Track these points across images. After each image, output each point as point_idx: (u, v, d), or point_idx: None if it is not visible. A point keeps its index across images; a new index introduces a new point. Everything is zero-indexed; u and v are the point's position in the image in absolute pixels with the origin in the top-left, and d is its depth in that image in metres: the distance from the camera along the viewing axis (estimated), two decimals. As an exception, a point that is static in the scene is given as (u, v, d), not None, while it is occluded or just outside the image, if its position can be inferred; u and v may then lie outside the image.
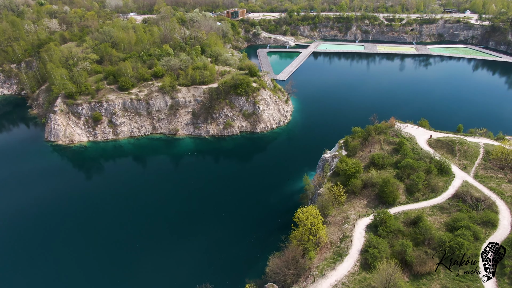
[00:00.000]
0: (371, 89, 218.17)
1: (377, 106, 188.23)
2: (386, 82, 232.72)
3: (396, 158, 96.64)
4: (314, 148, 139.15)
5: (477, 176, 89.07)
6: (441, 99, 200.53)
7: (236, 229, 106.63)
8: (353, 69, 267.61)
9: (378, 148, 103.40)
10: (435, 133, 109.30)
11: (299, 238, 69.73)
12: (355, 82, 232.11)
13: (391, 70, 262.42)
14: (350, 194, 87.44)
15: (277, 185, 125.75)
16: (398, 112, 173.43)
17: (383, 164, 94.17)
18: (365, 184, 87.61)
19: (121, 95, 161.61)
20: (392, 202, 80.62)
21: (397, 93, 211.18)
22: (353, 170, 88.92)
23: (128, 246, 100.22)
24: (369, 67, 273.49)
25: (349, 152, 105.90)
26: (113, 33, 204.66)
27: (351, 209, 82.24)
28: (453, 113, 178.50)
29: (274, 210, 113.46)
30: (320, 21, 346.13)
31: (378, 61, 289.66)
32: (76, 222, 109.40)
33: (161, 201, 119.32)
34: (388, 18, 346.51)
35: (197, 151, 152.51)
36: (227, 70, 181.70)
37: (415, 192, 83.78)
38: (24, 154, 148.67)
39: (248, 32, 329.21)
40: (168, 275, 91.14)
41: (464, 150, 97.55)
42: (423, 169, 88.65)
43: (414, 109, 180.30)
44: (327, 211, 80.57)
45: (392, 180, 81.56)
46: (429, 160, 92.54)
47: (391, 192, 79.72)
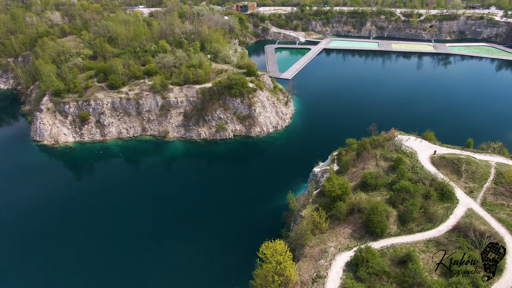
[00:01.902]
0: (381, 90, 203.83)
1: (385, 110, 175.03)
2: (398, 83, 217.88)
3: (391, 178, 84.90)
4: (311, 156, 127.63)
5: (485, 203, 76.76)
6: (455, 105, 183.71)
7: (212, 249, 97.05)
8: (364, 68, 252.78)
9: (373, 165, 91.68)
10: (440, 148, 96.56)
11: (263, 278, 59.56)
12: (364, 82, 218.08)
13: (405, 70, 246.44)
14: (334, 219, 76.49)
15: (265, 198, 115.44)
16: (404, 119, 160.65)
17: (376, 184, 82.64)
18: (352, 209, 76.44)
19: (110, 93, 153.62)
20: (380, 233, 69.36)
21: (407, 96, 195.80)
22: (339, 192, 77.76)
23: (106, 254, 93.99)
24: (382, 66, 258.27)
25: (340, 167, 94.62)
26: (110, 27, 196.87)
27: (333, 239, 71.32)
28: (466, 122, 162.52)
29: (257, 227, 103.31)
30: (333, 16, 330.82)
31: (392, 59, 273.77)
32: (52, 229, 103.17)
33: (143, 208, 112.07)
34: (405, 13, 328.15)
35: (187, 155, 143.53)
36: (225, 68, 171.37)
37: (409, 221, 72.17)
38: (7, 153, 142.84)
39: (257, 27, 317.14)
40: None
41: (471, 170, 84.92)
42: (421, 193, 76.82)
43: (422, 116, 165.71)
44: (304, 241, 69.98)
45: (381, 207, 70.05)
46: (429, 182, 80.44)
47: (379, 222, 68.43)
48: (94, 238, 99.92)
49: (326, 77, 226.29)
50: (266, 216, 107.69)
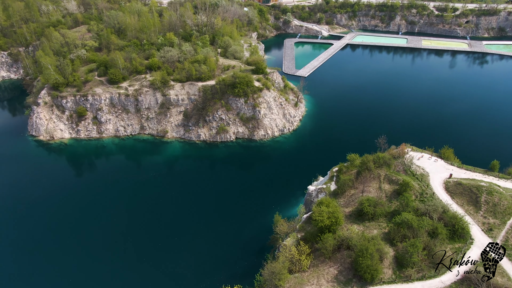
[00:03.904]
0: (404, 93, 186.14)
1: (405, 115, 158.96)
2: (424, 84, 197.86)
3: (394, 206, 72.19)
4: (318, 165, 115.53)
5: (507, 246, 63.15)
6: (485, 115, 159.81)
7: (185, 274, 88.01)
8: (389, 66, 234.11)
9: (375, 187, 78.93)
10: (458, 171, 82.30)
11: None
12: (387, 83, 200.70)
13: (434, 70, 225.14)
14: (319, 255, 64.99)
15: (258, 212, 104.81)
16: (423, 129, 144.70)
17: (374, 214, 70.19)
18: (341, 244, 64.69)
19: (109, 89, 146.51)
20: (370, 279, 57.53)
21: (431, 101, 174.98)
22: (327, 222, 66.03)
23: (92, 260, 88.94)
24: (409, 64, 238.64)
25: (338, 188, 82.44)
26: (119, 17, 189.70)
27: (313, 281, 60.06)
28: (495, 138, 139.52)
29: (245, 246, 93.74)
30: (360, 9, 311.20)
31: (421, 57, 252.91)
32: (35, 230, 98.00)
33: (132, 211, 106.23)
34: (439, 7, 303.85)
35: (185, 158, 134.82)
36: (232, 64, 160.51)
37: (408, 266, 59.76)
38: (1, 146, 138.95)
39: (278, 19, 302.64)
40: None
41: (493, 202, 70.82)
42: (426, 229, 63.99)
43: (444, 127, 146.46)
44: (278, 282, 59.09)
45: (372, 248, 57.93)
46: (439, 215, 67.19)
47: (368, 266, 56.53)
48: (78, 247, 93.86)
49: (346, 76, 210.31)
50: (257, 233, 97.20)
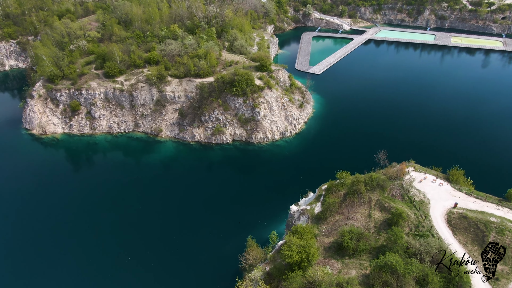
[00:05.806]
0: (424, 97, 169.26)
1: (425, 124, 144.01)
2: (449, 89, 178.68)
3: (382, 240, 61.19)
4: (314, 177, 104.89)
5: (515, 303, 51.17)
6: (510, 131, 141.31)
7: None
8: (413, 65, 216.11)
9: (364, 214, 67.83)
10: (466, 199, 69.60)
11: None
12: (408, 83, 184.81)
13: (462, 72, 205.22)
14: (284, 297, 55.33)
15: (241, 227, 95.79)
16: (437, 143, 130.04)
17: (356, 249, 59.48)
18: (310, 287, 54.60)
19: (104, 83, 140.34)
20: (336, 337, 47.40)
21: (458, 107, 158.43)
22: (296, 258, 56.05)
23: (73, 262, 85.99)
24: (435, 64, 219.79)
25: (323, 211, 71.84)
26: (125, 8, 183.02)
27: (271, 331, 50.53)
28: None
29: (225, 264, 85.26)
30: (386, 2, 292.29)
31: (450, 56, 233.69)
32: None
33: (117, 214, 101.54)
34: (473, 2, 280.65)
35: (177, 159, 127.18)
36: (236, 60, 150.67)
37: (385, 323, 49.12)
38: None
39: (298, 11, 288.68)
40: None
41: (504, 243, 58.47)
42: (414, 275, 52.85)
43: (460, 142, 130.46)
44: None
45: (342, 300, 47.78)
46: (432, 257, 55.71)
47: (333, 323, 46.43)
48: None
49: (362, 75, 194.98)
50: (236, 250, 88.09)
